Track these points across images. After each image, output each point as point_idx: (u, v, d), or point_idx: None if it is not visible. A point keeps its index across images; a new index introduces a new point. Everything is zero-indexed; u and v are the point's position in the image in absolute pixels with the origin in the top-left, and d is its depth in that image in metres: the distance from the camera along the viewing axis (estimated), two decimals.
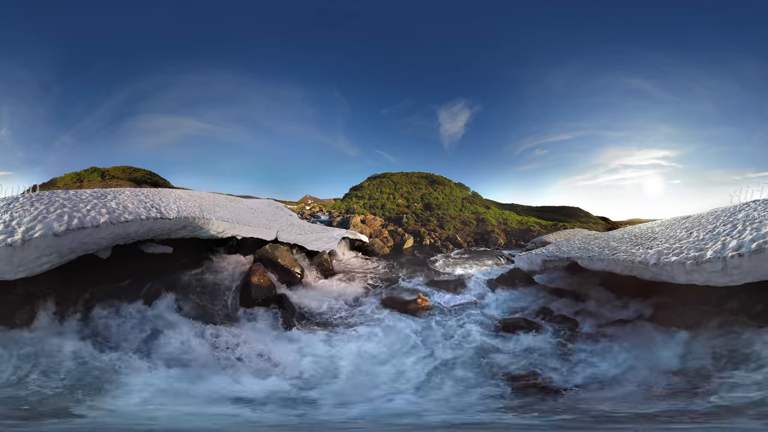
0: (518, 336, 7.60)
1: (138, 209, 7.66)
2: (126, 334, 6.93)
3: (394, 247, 19.57)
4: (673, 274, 6.01)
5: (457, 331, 7.92)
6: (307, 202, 40.06)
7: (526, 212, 35.42)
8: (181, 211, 8.65)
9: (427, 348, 7.19)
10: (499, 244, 23.44)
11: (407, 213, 28.93)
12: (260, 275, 9.37)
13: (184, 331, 7.17)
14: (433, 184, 35.84)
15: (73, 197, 7.48)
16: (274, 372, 6.26)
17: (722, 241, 5.56)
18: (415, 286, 11.30)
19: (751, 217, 6.13)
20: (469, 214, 29.81)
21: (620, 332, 7.17)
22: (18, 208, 6.29)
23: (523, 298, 10.23)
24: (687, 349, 6.14)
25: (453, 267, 15.69)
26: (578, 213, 36.29)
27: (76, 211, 6.47)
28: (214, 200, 12.42)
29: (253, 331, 7.64)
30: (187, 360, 6.37)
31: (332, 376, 6.19)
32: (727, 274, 5.24)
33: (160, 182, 29.25)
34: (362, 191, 34.59)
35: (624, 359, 6.29)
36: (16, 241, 5.33)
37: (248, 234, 10.98)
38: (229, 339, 7.14)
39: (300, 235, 12.45)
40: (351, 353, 6.94)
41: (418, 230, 23.71)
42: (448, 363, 6.60)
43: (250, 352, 6.85)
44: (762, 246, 4.91)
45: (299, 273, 11.14)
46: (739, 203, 7.92)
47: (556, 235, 21.27)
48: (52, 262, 6.04)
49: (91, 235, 6.43)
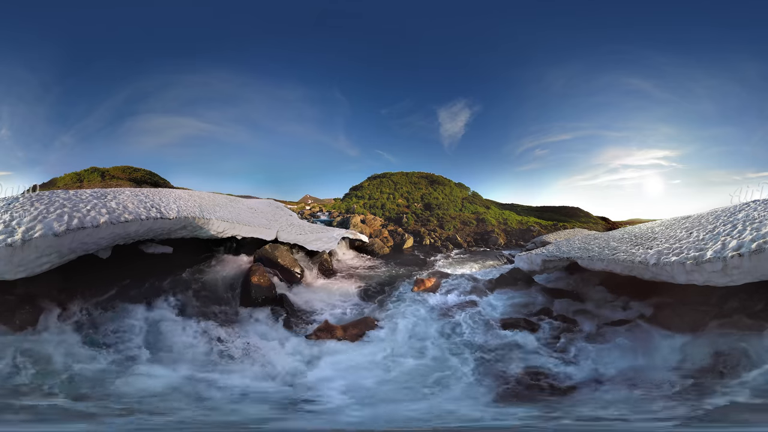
0: (518, 336, 7.60)
1: (138, 209, 7.66)
2: (126, 334, 6.93)
3: (394, 247, 19.57)
4: (673, 274, 6.01)
5: (456, 331, 7.91)
6: (307, 202, 40.06)
7: (526, 212, 35.43)
8: (181, 211, 8.65)
9: (426, 348, 7.19)
10: (499, 244, 23.44)
11: (407, 213, 28.93)
12: (260, 275, 9.38)
13: (184, 331, 7.17)
14: (433, 184, 35.84)
15: (73, 197, 7.49)
16: (274, 372, 6.26)
17: (722, 241, 5.56)
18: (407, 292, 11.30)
19: (751, 217, 6.13)
20: (469, 214, 29.81)
21: (620, 332, 7.17)
22: (18, 208, 6.29)
23: (522, 298, 10.23)
24: (687, 350, 6.14)
25: (453, 267, 15.69)
26: (578, 213, 36.31)
27: (76, 211, 6.47)
28: (214, 200, 12.42)
29: (253, 331, 7.64)
30: (186, 360, 6.37)
31: (333, 375, 6.19)
32: (727, 274, 5.24)
33: (160, 182, 29.26)
34: (362, 191, 34.59)
35: (624, 359, 6.29)
36: (16, 241, 5.33)
37: (248, 234, 10.98)
38: (229, 339, 7.14)
39: (300, 235, 12.45)
40: (350, 353, 6.94)
41: (418, 230, 23.70)
42: (446, 363, 6.59)
43: (249, 352, 6.85)
44: (762, 246, 4.91)
45: (299, 273, 11.15)
46: (739, 203, 7.92)
47: (556, 235, 21.28)
48: (52, 262, 6.04)
49: (91, 235, 6.43)
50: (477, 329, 7.95)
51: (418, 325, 8.27)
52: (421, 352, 7.00)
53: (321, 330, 7.54)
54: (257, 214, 13.45)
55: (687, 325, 6.62)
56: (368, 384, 5.82)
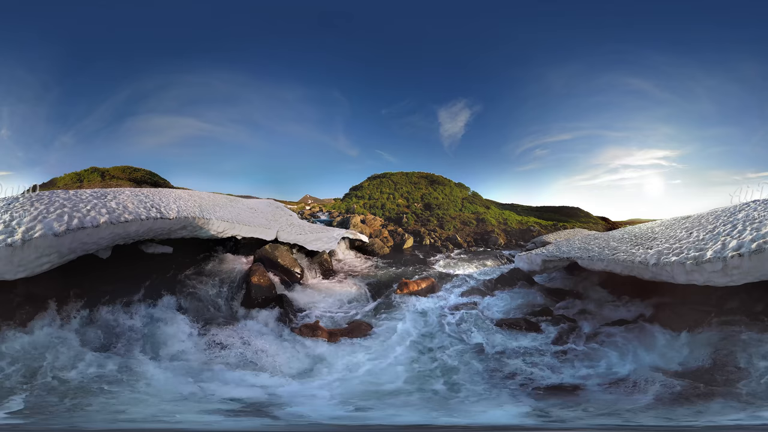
0: (518, 336, 7.60)
1: (138, 209, 7.66)
2: (126, 334, 6.93)
3: (394, 247, 19.57)
4: (673, 274, 6.01)
5: (456, 331, 7.91)
6: (307, 202, 40.04)
7: (526, 212, 35.42)
8: (181, 211, 8.65)
9: (426, 349, 7.19)
10: (499, 244, 23.44)
11: (407, 213, 28.94)
12: (260, 275, 9.38)
13: (184, 331, 7.17)
14: (433, 184, 35.82)
15: (73, 197, 7.48)
16: (273, 371, 6.26)
17: (722, 241, 5.56)
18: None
19: (751, 217, 6.13)
20: (469, 214, 29.81)
21: (620, 332, 7.17)
22: (18, 208, 6.29)
23: (523, 298, 10.22)
24: (687, 349, 6.15)
25: (453, 267, 15.69)
26: (578, 213, 36.28)
27: (76, 211, 6.47)
28: (214, 200, 12.43)
29: (253, 331, 7.64)
30: (186, 360, 6.37)
31: (331, 376, 6.19)
32: (727, 274, 5.25)
33: (160, 182, 29.23)
34: (362, 191, 34.58)
35: (624, 359, 6.29)
36: (16, 241, 5.33)
37: (248, 234, 10.98)
38: (229, 339, 7.13)
39: (300, 235, 12.45)
40: (349, 353, 6.94)
41: (418, 230, 23.71)
42: (446, 364, 6.59)
43: (249, 351, 6.85)
44: (762, 246, 4.91)
45: (299, 273, 11.15)
46: (739, 203, 7.92)
47: (556, 235, 21.28)
48: (52, 262, 6.04)
49: (91, 235, 6.43)
50: (476, 329, 7.94)
51: (411, 328, 8.16)
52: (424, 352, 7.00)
53: (306, 327, 7.61)
54: (257, 214, 13.44)
55: (687, 325, 6.62)
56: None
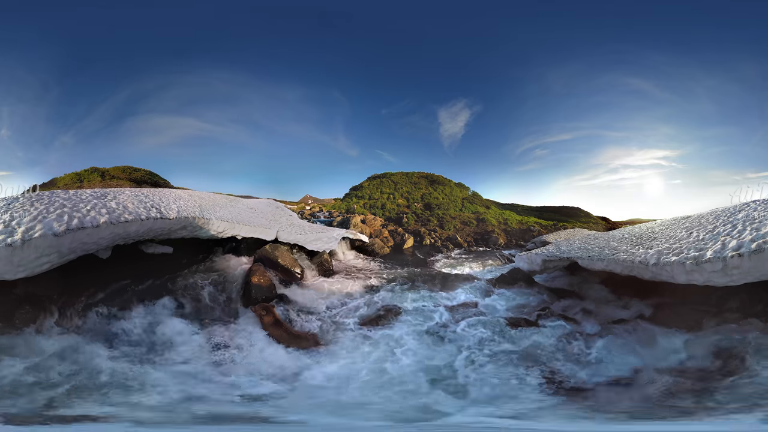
0: (518, 335, 7.59)
1: (138, 209, 7.66)
2: (125, 334, 6.93)
3: (394, 247, 19.57)
4: (673, 274, 6.01)
5: (456, 331, 7.91)
6: (307, 202, 40.04)
7: (526, 212, 35.42)
8: (181, 211, 8.65)
9: (426, 349, 7.19)
10: (499, 244, 23.44)
11: (407, 213, 28.94)
12: (260, 275, 9.38)
13: (184, 331, 7.17)
14: (433, 184, 35.83)
15: (73, 197, 7.49)
16: (273, 372, 6.26)
17: (722, 241, 5.56)
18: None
19: (751, 217, 6.13)
20: (469, 214, 29.82)
21: (620, 332, 7.17)
22: (18, 208, 6.29)
23: (523, 298, 10.22)
24: (687, 349, 6.14)
25: (453, 267, 15.69)
26: (578, 213, 36.29)
27: (76, 211, 6.47)
28: (214, 200, 12.43)
29: (253, 331, 7.63)
30: (186, 360, 6.37)
31: (331, 375, 6.18)
32: (727, 274, 5.25)
33: (160, 182, 29.24)
34: (362, 191, 34.58)
35: (624, 359, 6.29)
36: (16, 241, 5.33)
37: (248, 234, 10.98)
38: (229, 339, 7.13)
39: (300, 235, 12.45)
40: (348, 353, 6.94)
41: (418, 230, 23.71)
42: (446, 364, 6.59)
43: (249, 351, 6.85)
44: (762, 246, 4.91)
45: (299, 273, 11.14)
46: (739, 203, 7.92)
47: (556, 235, 21.28)
48: (52, 262, 6.04)
49: (91, 235, 6.43)
50: (476, 329, 7.94)
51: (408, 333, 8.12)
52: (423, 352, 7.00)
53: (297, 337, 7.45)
54: (257, 214, 13.44)
55: (687, 325, 6.62)
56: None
